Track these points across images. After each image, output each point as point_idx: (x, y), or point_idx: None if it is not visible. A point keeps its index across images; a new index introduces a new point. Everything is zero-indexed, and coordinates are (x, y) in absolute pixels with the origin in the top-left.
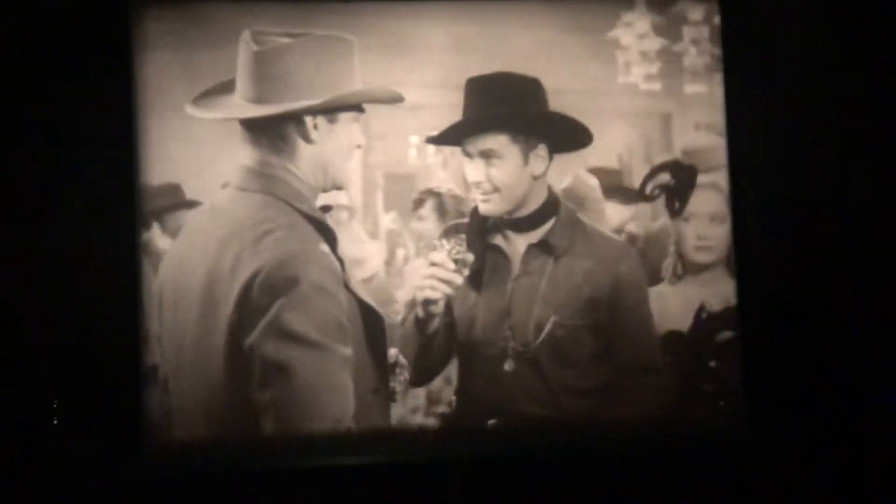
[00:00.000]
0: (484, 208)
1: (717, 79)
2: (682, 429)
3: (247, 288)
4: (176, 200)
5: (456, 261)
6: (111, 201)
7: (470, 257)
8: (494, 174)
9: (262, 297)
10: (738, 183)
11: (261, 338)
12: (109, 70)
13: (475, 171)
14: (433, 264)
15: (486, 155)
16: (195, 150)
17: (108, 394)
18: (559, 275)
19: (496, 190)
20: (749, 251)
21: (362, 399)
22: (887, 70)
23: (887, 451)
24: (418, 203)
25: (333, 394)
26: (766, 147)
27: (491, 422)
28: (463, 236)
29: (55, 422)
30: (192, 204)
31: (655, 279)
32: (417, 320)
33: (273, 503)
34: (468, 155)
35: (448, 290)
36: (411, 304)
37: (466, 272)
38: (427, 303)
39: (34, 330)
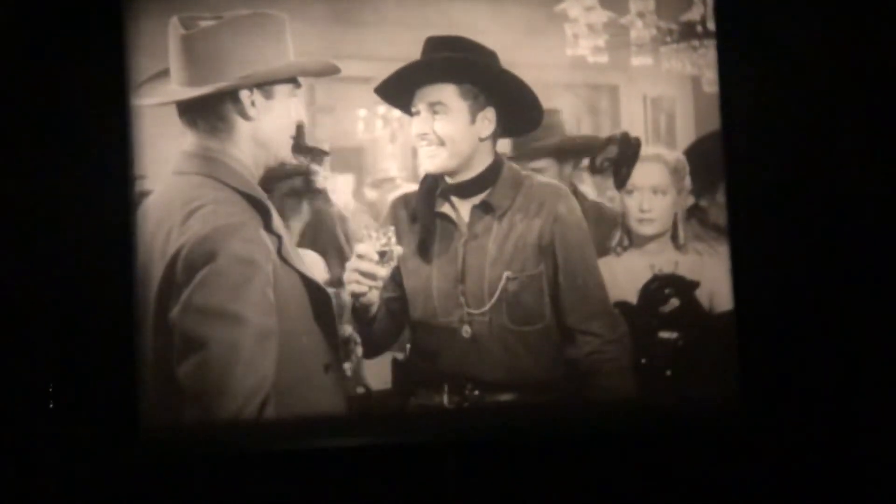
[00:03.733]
0: (429, 165)
1: (664, 51)
2: (674, 407)
3: (171, 264)
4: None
5: (382, 253)
6: (107, 188)
7: (398, 249)
8: (440, 127)
9: (183, 272)
10: (733, 164)
11: (180, 313)
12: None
13: (421, 123)
14: (358, 256)
15: (433, 107)
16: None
17: (104, 378)
18: (505, 231)
19: (441, 143)
20: (745, 231)
21: (312, 375)
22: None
23: (881, 432)
24: None
25: (248, 366)
26: (761, 125)
27: (445, 393)
28: (392, 228)
29: (51, 405)
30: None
31: (604, 251)
32: (354, 309)
33: (269, 485)
34: (416, 112)
35: (373, 282)
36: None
37: (394, 264)
38: (356, 296)
39: (29, 315)
